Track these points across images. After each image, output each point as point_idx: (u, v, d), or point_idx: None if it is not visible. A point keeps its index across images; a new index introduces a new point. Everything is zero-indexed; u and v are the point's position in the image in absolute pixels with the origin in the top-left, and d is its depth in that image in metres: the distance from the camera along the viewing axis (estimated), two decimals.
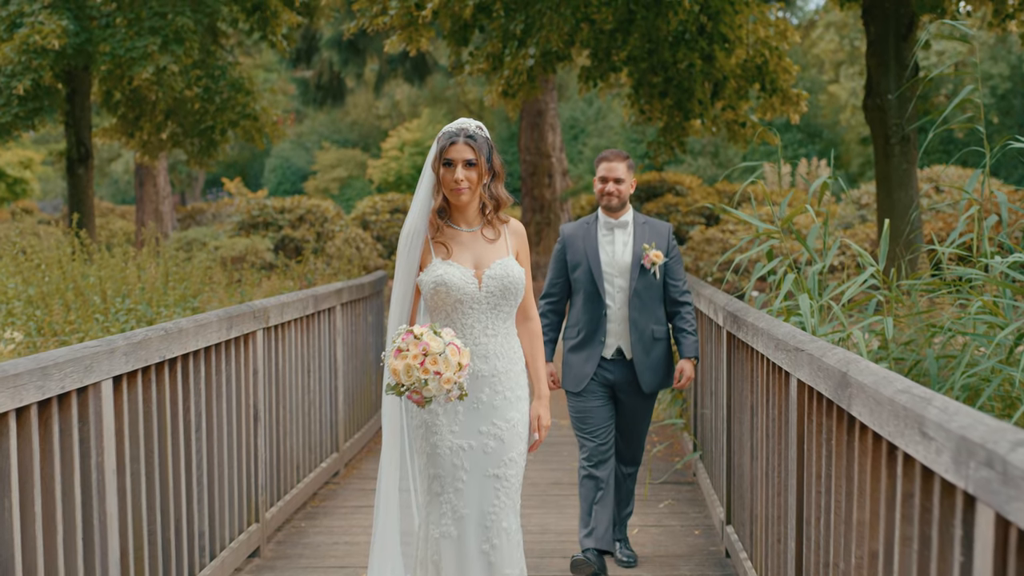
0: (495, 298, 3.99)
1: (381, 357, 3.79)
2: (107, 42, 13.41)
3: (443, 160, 3.96)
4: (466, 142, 3.95)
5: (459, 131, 3.99)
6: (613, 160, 5.52)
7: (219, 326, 5.01)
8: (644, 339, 5.49)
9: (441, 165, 3.97)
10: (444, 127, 4.08)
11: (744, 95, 12.57)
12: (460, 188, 3.94)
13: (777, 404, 4.28)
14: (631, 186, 5.57)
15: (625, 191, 5.53)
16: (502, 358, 4.02)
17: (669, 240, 5.56)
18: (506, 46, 11.00)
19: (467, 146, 3.95)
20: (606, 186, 5.50)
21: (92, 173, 15.17)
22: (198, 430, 4.86)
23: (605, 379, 5.52)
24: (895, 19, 10.80)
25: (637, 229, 5.55)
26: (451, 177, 3.94)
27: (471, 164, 3.94)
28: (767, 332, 4.32)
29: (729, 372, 5.62)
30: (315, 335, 6.89)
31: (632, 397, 5.58)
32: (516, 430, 4.03)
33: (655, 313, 5.52)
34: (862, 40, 33.69)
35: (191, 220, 27.25)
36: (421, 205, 4.04)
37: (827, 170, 25.36)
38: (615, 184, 5.49)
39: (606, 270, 5.49)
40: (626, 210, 5.58)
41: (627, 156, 5.57)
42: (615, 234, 5.54)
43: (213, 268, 10.09)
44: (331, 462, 7.27)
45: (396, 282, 4.07)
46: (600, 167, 5.53)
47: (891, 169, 10.62)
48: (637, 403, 5.60)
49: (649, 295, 5.51)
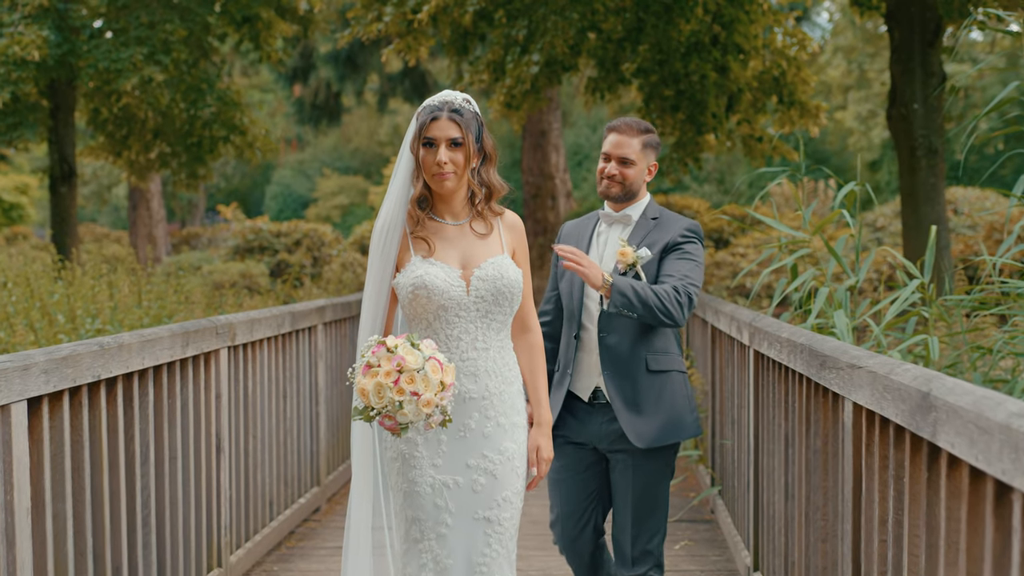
0: (486, 304, 3.33)
1: (348, 374, 3.13)
2: (91, 54, 12.81)
3: (423, 139, 3.31)
4: (451, 117, 3.30)
5: (442, 104, 3.34)
6: (624, 133, 4.10)
7: (172, 342, 4.34)
8: (629, 373, 3.99)
9: (421, 145, 3.32)
10: (426, 100, 3.44)
11: (761, 108, 11.95)
12: (444, 173, 3.29)
13: (823, 433, 3.61)
14: (646, 172, 4.16)
15: (634, 177, 4.10)
16: (495, 376, 3.36)
17: (675, 237, 4.04)
18: (508, 53, 10.38)
19: (452, 122, 3.30)
20: (607, 167, 4.10)
21: (75, 192, 14.57)
22: (144, 463, 4.19)
23: (577, 434, 4.09)
24: (920, 24, 10.19)
25: (641, 225, 4.11)
26: (432, 159, 3.29)
27: (457, 144, 3.29)
28: (810, 348, 3.65)
29: (757, 397, 4.94)
30: (292, 356, 6.22)
31: (625, 460, 4.03)
32: (511, 464, 3.36)
33: (647, 337, 4.01)
34: (870, 64, 33.19)
35: (186, 245, 26.68)
36: (398, 193, 3.39)
37: (831, 191, 24.66)
38: (619, 166, 4.09)
39: None
40: (635, 201, 4.16)
41: (647, 130, 4.14)
42: (611, 231, 4.17)
43: (192, 287, 9.44)
44: (311, 497, 6.58)
45: (368, 286, 3.42)
46: (606, 140, 4.13)
47: (917, 183, 9.97)
48: (634, 469, 4.02)
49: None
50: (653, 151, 4.18)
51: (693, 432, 4.09)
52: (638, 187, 4.15)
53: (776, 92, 12.03)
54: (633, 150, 4.10)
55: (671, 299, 3.87)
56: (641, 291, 3.85)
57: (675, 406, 4.02)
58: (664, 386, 4.01)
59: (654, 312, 3.84)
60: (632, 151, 4.10)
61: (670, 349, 4.07)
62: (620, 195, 4.12)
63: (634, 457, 4.02)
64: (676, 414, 4.02)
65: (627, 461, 4.03)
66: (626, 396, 3.99)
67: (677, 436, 4.03)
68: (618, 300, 3.84)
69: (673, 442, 4.03)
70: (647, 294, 3.85)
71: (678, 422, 4.03)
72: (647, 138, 4.16)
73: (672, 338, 4.09)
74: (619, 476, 4.06)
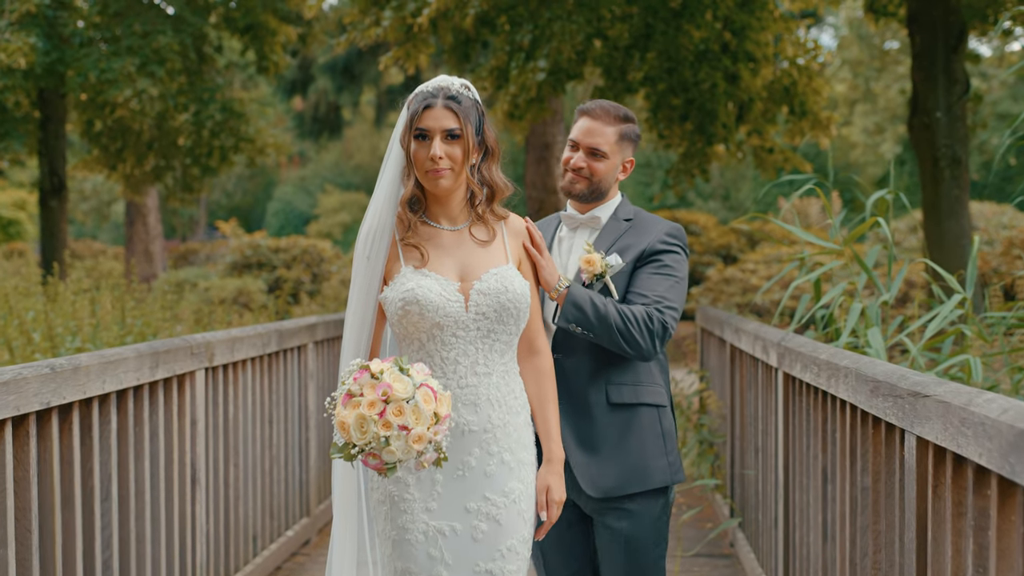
0: (488, 322, 2.89)
1: (326, 405, 2.68)
2: (81, 62, 12.39)
3: (415, 131, 2.87)
4: (446, 105, 2.85)
5: (437, 91, 2.89)
6: (597, 118, 3.40)
7: (138, 364, 3.90)
8: (586, 406, 3.31)
9: (412, 138, 2.88)
10: (419, 87, 2.99)
11: (772, 118, 11.52)
12: (438, 169, 2.85)
13: (873, 470, 3.15)
14: (620, 168, 3.46)
15: (604, 173, 3.40)
16: (498, 406, 2.91)
17: (653, 244, 3.37)
18: (512, 59, 9.95)
19: (448, 111, 2.85)
20: (574, 157, 3.42)
21: (66, 206, 14.17)
22: (105, 499, 3.74)
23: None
24: (943, 28, 9.76)
25: (611, 228, 3.44)
26: (426, 154, 2.85)
27: (453, 136, 2.85)
28: (857, 372, 3.20)
29: (787, 425, 4.48)
30: (279, 378, 5.77)
31: (604, 522, 3.36)
32: (517, 507, 2.90)
33: (613, 363, 3.32)
34: (877, 78, 32.81)
35: (184, 261, 26.27)
36: (386, 194, 2.94)
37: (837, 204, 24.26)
38: (588, 157, 3.40)
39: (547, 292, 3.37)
40: (605, 200, 3.47)
41: (626, 118, 3.45)
42: (576, 236, 3.51)
43: (180, 304, 9.00)
44: (300, 529, 6.12)
45: (351, 301, 2.97)
46: (576, 125, 3.46)
47: (940, 196, 9.53)
48: (612, 535, 3.35)
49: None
50: (631, 145, 3.47)
51: (666, 479, 3.34)
52: (608, 185, 3.44)
53: (787, 102, 11.60)
54: (606, 140, 3.39)
55: (639, 325, 3.20)
56: (602, 307, 3.20)
57: (641, 448, 3.31)
58: (629, 424, 3.31)
59: (614, 335, 3.20)
60: (605, 142, 3.39)
61: (643, 380, 3.35)
62: (585, 193, 3.42)
63: (616, 518, 3.33)
64: (641, 458, 3.30)
65: (607, 523, 3.34)
66: (581, 434, 3.30)
67: (641, 484, 3.30)
68: (571, 313, 3.19)
69: (635, 491, 3.29)
70: (608, 312, 3.19)
71: (643, 468, 3.30)
72: (625, 128, 3.44)
73: (651, 365, 3.38)
74: (601, 543, 3.39)
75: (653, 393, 3.38)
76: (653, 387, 3.38)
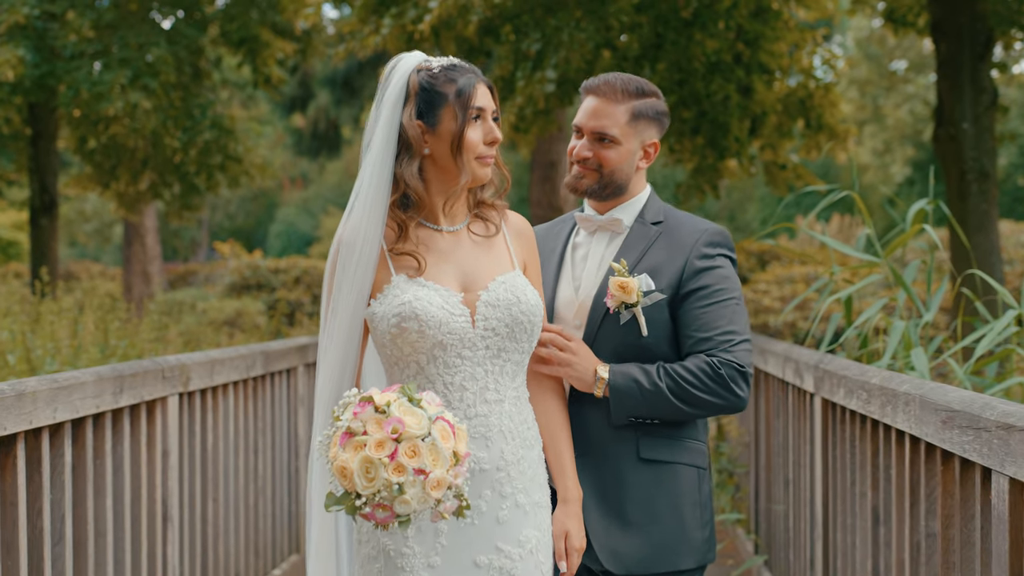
0: (499, 339, 2.45)
1: (317, 446, 2.24)
2: (72, 75, 12.00)
3: (473, 110, 2.44)
4: (488, 85, 2.50)
5: (470, 68, 2.50)
6: (604, 95, 2.79)
7: (98, 389, 3.45)
8: (609, 460, 2.75)
9: (469, 119, 2.44)
10: (426, 60, 2.54)
11: (786, 132, 11.09)
12: (491, 156, 2.48)
13: (943, 513, 2.69)
14: (640, 155, 2.82)
15: (617, 162, 2.78)
16: (511, 439, 2.47)
17: (692, 262, 2.75)
18: (518, 68, 9.52)
19: (488, 90, 2.49)
20: (576, 147, 2.84)
21: (57, 224, 13.77)
22: (58, 542, 3.28)
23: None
24: (970, 35, 9.34)
25: (637, 235, 2.82)
26: (479, 137, 2.45)
27: (495, 119, 2.50)
28: (922, 399, 2.75)
29: (826, 457, 4.02)
30: (266, 403, 5.32)
31: None
32: (534, 559, 2.46)
33: None
34: (885, 98, 32.46)
35: (183, 282, 25.86)
36: (376, 189, 2.50)
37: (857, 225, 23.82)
38: (595, 145, 2.79)
39: (560, 312, 2.85)
40: (628, 196, 2.85)
41: (639, 92, 2.79)
42: (592, 244, 2.89)
43: (169, 325, 8.57)
44: (289, 567, 5.66)
45: (330, 323, 2.52)
46: (581, 107, 2.85)
47: (968, 210, 9.09)
48: None
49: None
50: (652, 124, 2.81)
51: (700, 559, 2.77)
52: (624, 177, 2.81)
53: (803, 115, 11.18)
54: (615, 122, 2.76)
55: (703, 381, 2.64)
56: (652, 383, 2.64)
57: (676, 518, 2.73)
58: (663, 485, 2.73)
59: (680, 408, 2.66)
60: (614, 123, 2.76)
61: (684, 432, 2.77)
62: (595, 188, 2.80)
63: None
64: (675, 531, 2.72)
65: None
66: (602, 494, 2.73)
67: (671, 564, 2.72)
68: (624, 406, 2.66)
69: (664, 571, 2.72)
70: (659, 385, 2.63)
71: (675, 544, 2.72)
72: (640, 105, 2.78)
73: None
74: None
75: (694, 451, 2.78)
76: (694, 443, 2.79)
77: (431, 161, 2.49)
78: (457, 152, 2.45)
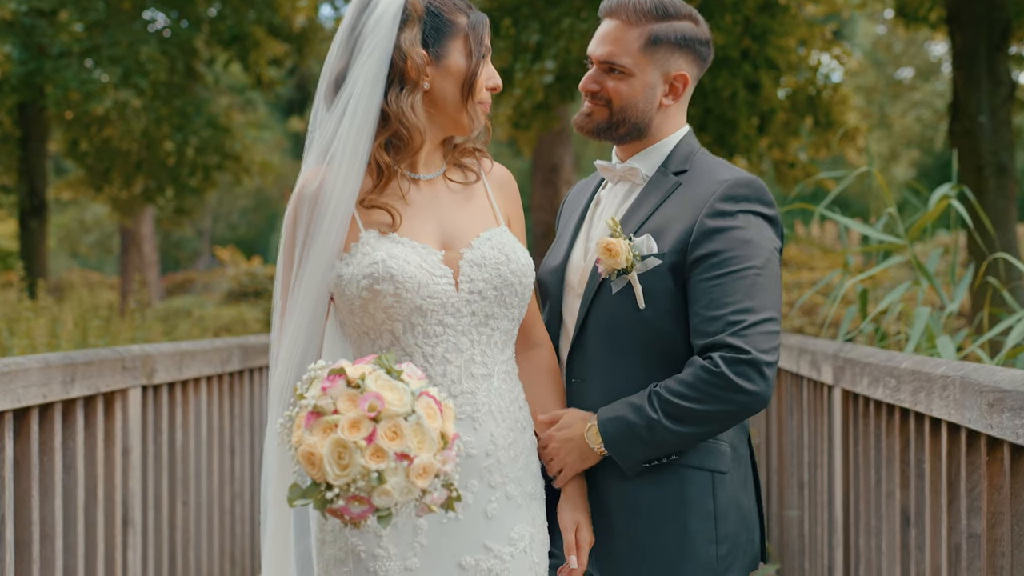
0: (486, 304, 2.12)
1: (278, 429, 1.88)
2: (61, 74, 11.72)
3: (484, 48, 2.17)
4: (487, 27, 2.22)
5: (470, 5, 2.21)
6: (615, 17, 2.33)
7: (44, 377, 3.12)
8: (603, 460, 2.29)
9: (477, 52, 2.17)
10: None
11: (795, 130, 10.78)
12: (488, 105, 2.25)
13: (988, 511, 2.36)
14: (663, 90, 2.34)
15: (630, 97, 2.31)
16: (502, 420, 2.14)
17: (701, 221, 2.23)
18: (517, 59, 9.22)
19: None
20: (587, 82, 2.37)
21: (46, 227, 13.49)
22: None
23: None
24: (987, 25, 9.04)
25: (656, 186, 2.34)
26: (483, 80, 2.20)
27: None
28: (964, 381, 2.42)
29: (847, 455, 3.68)
30: (244, 400, 4.99)
31: None
32: (528, 559, 2.13)
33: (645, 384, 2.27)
34: (892, 106, 32.19)
35: (180, 290, 25.59)
36: (355, 132, 2.13)
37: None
38: (604, 75, 2.33)
39: (570, 278, 2.42)
40: (650, 141, 2.36)
41: (659, 13, 2.29)
42: (610, 198, 2.45)
43: (149, 322, 8.26)
44: None
45: (293, 295, 2.17)
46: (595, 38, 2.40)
47: (985, 206, 8.76)
48: None
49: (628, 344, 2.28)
50: (678, 53, 2.31)
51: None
52: (641, 115, 2.32)
53: (811, 112, 10.88)
54: (626, 49, 2.29)
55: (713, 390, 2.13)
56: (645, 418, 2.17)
57: (678, 532, 2.25)
58: (665, 493, 2.25)
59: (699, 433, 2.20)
60: (624, 50, 2.29)
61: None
62: (604, 128, 2.34)
63: None
64: (676, 547, 2.25)
65: None
66: (601, 499, 2.30)
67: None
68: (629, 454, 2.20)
69: None
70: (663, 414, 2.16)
71: (675, 563, 2.25)
72: (658, 29, 2.29)
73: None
74: None
75: (707, 451, 2.27)
76: (712, 445, 2.27)
77: (428, 98, 2.16)
78: (468, 93, 2.16)
